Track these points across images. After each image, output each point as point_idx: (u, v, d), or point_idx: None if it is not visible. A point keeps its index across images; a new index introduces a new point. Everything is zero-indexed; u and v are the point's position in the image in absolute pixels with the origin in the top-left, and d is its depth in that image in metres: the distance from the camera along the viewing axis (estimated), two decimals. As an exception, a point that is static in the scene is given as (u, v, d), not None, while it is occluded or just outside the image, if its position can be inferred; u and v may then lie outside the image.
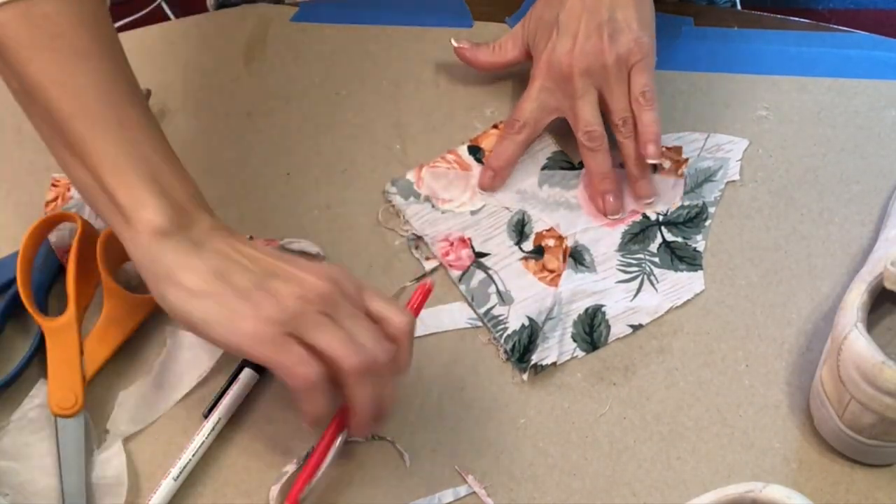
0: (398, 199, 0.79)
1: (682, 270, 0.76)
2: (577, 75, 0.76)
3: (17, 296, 0.71)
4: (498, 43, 0.83)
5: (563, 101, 0.78)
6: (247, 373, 0.70)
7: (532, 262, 0.76)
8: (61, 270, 0.74)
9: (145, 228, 0.60)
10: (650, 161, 0.77)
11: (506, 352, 0.72)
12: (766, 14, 0.90)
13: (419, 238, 0.77)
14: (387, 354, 0.60)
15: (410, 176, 0.80)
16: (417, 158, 0.81)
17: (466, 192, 0.79)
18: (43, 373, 0.70)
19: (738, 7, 1.08)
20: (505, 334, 0.73)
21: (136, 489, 0.67)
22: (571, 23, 0.77)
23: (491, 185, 0.79)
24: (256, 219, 0.78)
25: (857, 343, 0.63)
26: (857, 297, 0.66)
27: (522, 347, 0.72)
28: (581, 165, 0.80)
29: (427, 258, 0.76)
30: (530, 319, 0.73)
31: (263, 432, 0.69)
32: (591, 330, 0.73)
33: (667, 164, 0.80)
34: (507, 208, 0.79)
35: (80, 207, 0.76)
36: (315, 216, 0.78)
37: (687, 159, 0.81)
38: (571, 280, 0.75)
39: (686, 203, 0.79)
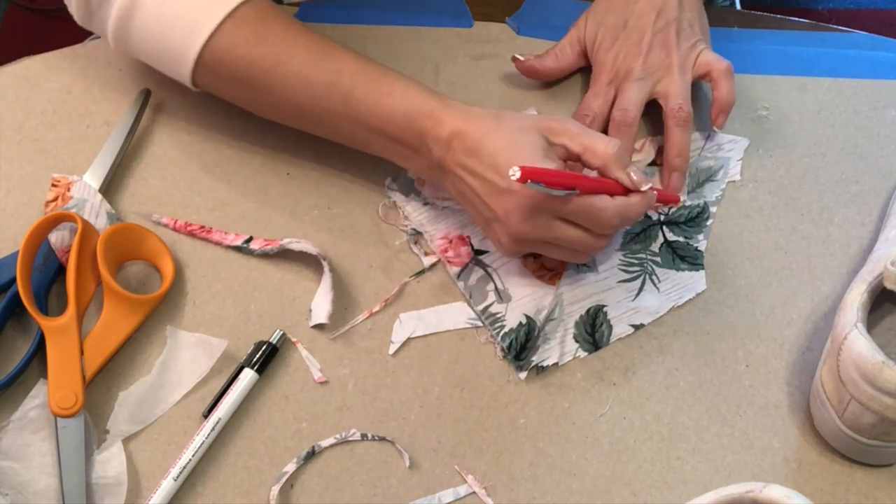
0: (398, 196, 0.79)
1: (683, 270, 0.76)
2: (640, 65, 0.79)
3: (17, 296, 0.71)
4: (556, 50, 0.84)
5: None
6: (247, 373, 0.70)
7: (531, 261, 0.76)
8: (61, 270, 0.74)
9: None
10: (717, 130, 0.80)
11: (502, 349, 0.72)
12: (766, 14, 0.90)
13: (419, 234, 0.77)
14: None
15: (411, 174, 0.80)
16: (417, 158, 0.81)
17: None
18: (43, 373, 0.70)
19: (738, 7, 1.08)
20: (502, 332, 0.73)
21: (136, 489, 0.67)
22: (641, 22, 0.80)
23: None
24: (256, 219, 0.78)
25: (857, 343, 0.63)
26: (857, 297, 0.66)
27: (519, 345, 0.72)
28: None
29: (426, 254, 0.77)
30: (528, 318, 0.73)
31: (263, 432, 0.69)
32: (593, 330, 0.73)
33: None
34: (508, 208, 0.79)
35: (80, 207, 0.76)
36: (315, 216, 0.78)
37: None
38: (573, 280, 0.75)
39: (687, 203, 0.79)
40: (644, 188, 0.70)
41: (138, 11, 0.73)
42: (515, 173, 0.64)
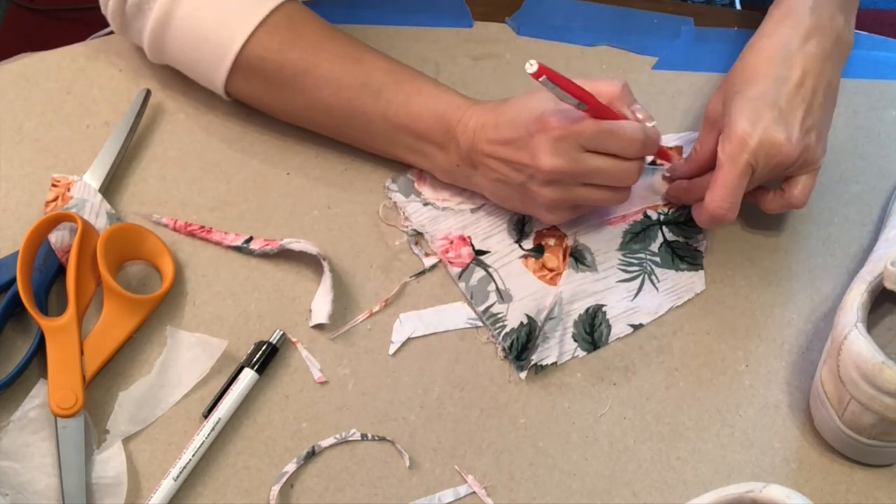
0: (398, 197, 0.79)
1: (683, 270, 0.76)
2: (790, 164, 0.71)
3: (17, 296, 0.71)
4: (696, 145, 0.76)
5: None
6: (247, 373, 0.70)
7: (532, 261, 0.76)
8: (61, 270, 0.73)
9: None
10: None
11: (504, 349, 0.72)
12: (766, 14, 0.90)
13: (419, 234, 0.77)
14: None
15: (411, 175, 0.80)
16: (417, 158, 0.81)
17: (467, 190, 0.79)
18: (43, 373, 0.70)
19: (738, 7, 1.08)
20: (503, 332, 0.73)
21: (136, 489, 0.67)
22: (792, 113, 0.72)
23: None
24: (256, 219, 0.78)
25: (857, 343, 0.63)
26: (857, 297, 0.66)
27: (520, 345, 0.72)
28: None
29: (427, 254, 0.77)
30: (529, 318, 0.73)
31: (263, 432, 0.69)
32: (592, 330, 0.73)
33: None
34: (508, 208, 0.79)
35: (80, 207, 0.76)
36: (315, 216, 0.78)
37: (687, 159, 0.81)
38: (572, 279, 0.75)
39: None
40: (649, 124, 0.71)
41: (174, 22, 0.75)
42: (533, 65, 0.65)
